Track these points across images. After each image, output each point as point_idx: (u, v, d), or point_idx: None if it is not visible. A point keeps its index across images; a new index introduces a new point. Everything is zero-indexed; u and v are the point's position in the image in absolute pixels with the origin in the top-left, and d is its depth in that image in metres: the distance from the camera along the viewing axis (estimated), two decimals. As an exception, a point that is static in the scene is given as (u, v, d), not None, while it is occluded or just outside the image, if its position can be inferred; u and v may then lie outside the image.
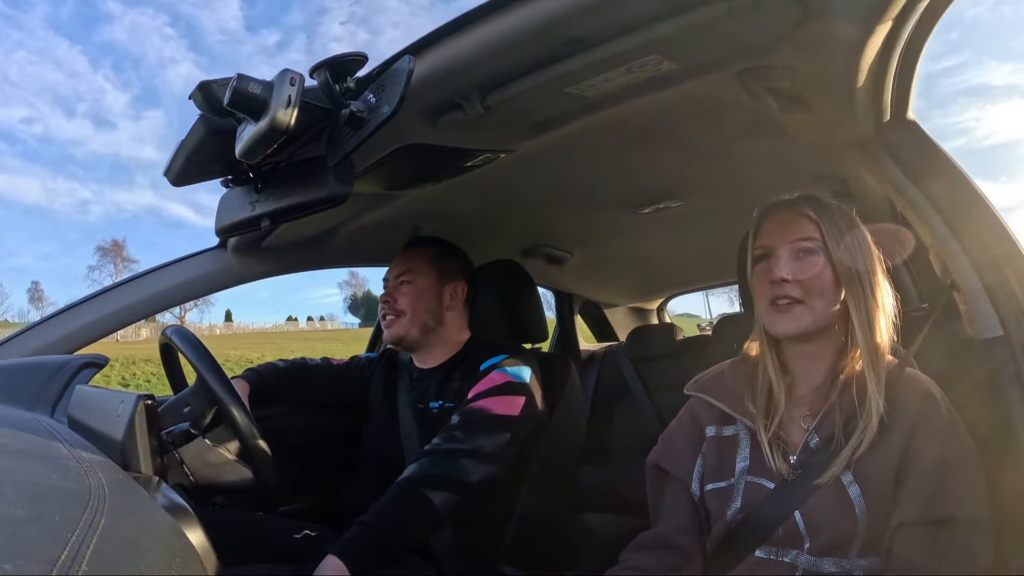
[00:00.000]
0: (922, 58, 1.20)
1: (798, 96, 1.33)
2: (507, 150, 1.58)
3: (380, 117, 1.10)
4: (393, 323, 1.98)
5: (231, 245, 1.94)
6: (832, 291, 1.27)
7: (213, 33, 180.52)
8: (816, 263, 1.27)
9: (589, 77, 1.25)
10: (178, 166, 1.34)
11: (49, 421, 1.14)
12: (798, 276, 1.27)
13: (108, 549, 0.55)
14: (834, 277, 1.27)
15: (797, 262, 1.28)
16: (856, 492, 1.18)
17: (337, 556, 1.41)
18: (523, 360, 1.90)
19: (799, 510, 1.21)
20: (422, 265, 2.02)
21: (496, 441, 1.71)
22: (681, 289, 4.53)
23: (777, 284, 1.28)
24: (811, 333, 1.28)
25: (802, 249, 1.28)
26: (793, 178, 2.02)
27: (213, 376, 1.48)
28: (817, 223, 1.29)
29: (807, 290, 1.26)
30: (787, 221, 1.32)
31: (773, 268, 1.29)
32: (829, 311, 1.27)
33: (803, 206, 1.32)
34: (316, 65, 1.13)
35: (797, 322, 1.27)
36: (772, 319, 1.30)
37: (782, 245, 1.30)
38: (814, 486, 1.21)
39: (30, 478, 0.70)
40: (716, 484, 1.34)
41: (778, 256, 1.29)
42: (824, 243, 1.28)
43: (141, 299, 1.87)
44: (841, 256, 1.27)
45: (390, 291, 2.02)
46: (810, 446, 1.26)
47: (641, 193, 2.21)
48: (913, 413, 1.20)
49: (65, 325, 1.78)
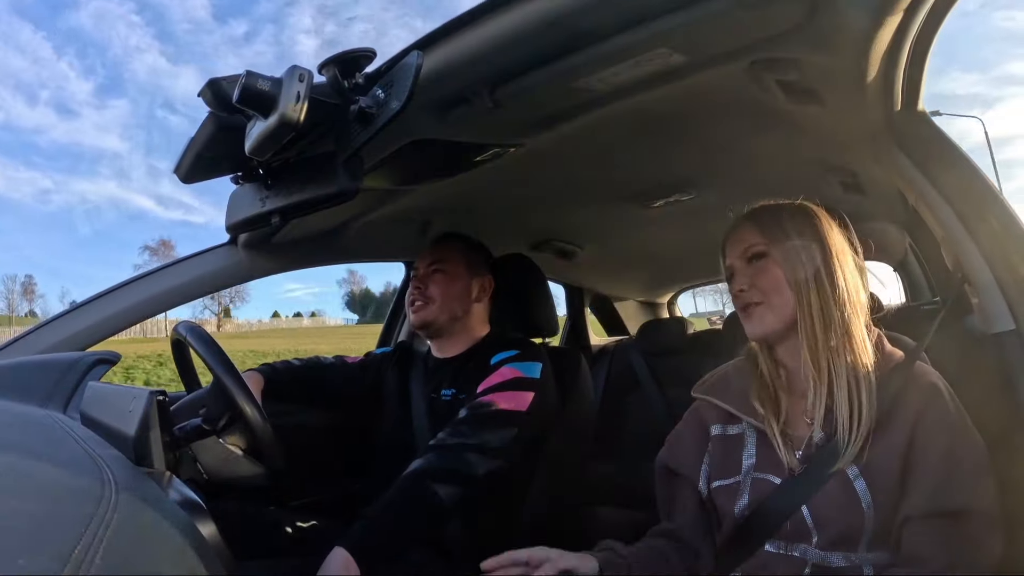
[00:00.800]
0: (933, 49, 1.19)
1: (808, 88, 1.33)
2: (516, 144, 1.58)
3: (389, 112, 1.10)
4: (422, 308, 1.99)
5: (241, 241, 1.94)
6: (786, 287, 1.31)
7: (180, 22, 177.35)
8: (763, 266, 1.34)
9: (598, 71, 1.24)
10: (188, 163, 1.35)
11: (62, 417, 1.15)
12: (752, 282, 1.35)
13: (121, 544, 0.55)
14: (783, 274, 1.32)
15: (749, 269, 1.36)
16: (862, 485, 1.19)
17: (344, 549, 1.42)
18: (533, 355, 1.90)
19: (806, 504, 1.23)
20: (454, 256, 2.04)
21: (502, 436, 1.71)
22: (691, 283, 4.53)
23: (738, 295, 1.36)
24: (781, 330, 1.33)
25: (751, 256, 1.36)
26: (803, 171, 2.01)
27: (226, 373, 1.49)
28: (759, 229, 1.37)
29: (762, 291, 1.33)
30: (737, 236, 1.40)
31: (733, 282, 1.38)
32: (791, 308, 1.31)
33: (746, 220, 1.41)
34: (325, 61, 1.13)
35: (761, 322, 1.34)
36: (746, 325, 1.37)
37: (736, 258, 1.39)
38: (819, 480, 1.23)
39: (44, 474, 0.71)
40: (722, 481, 1.35)
41: (735, 270, 1.38)
42: (767, 245, 1.34)
43: (153, 295, 1.87)
44: (785, 254, 1.32)
45: (421, 278, 2.02)
46: (814, 441, 1.27)
47: (651, 187, 2.21)
48: (918, 406, 1.21)
49: (77, 322, 1.79)
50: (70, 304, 1.89)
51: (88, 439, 0.92)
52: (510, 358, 1.87)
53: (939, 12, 1.10)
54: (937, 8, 1.08)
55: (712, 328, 4.15)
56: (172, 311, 3.94)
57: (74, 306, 1.86)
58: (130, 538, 0.58)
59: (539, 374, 1.86)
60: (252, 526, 1.70)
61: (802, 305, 1.29)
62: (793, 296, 1.30)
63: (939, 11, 1.09)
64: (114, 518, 0.59)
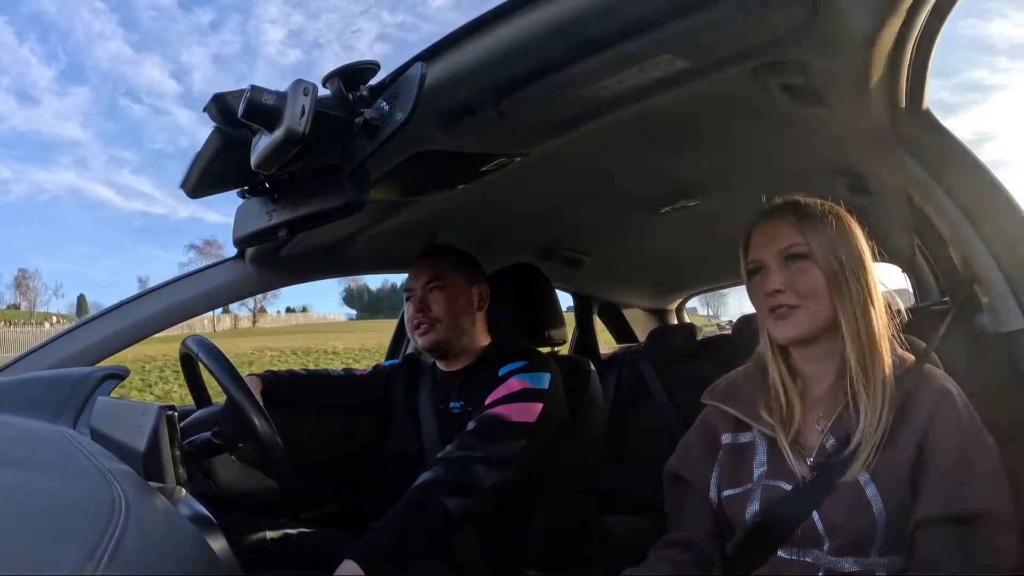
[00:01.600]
0: (936, 48, 1.19)
1: (812, 91, 1.33)
2: (522, 154, 1.58)
3: (394, 124, 1.10)
4: (429, 330, 1.96)
5: (249, 255, 1.95)
6: (825, 292, 1.28)
7: (145, 9, 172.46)
8: (804, 268, 1.29)
9: (601, 78, 1.24)
10: (195, 178, 1.35)
11: (72, 433, 1.15)
12: (789, 284, 1.29)
13: (132, 558, 0.55)
14: (824, 278, 1.28)
15: (786, 270, 1.30)
16: (872, 491, 1.18)
17: (354, 561, 1.42)
18: (541, 365, 1.89)
19: (817, 510, 1.22)
20: (450, 269, 2.00)
21: (510, 448, 1.70)
22: (699, 289, 4.53)
23: (771, 295, 1.30)
24: (813, 335, 1.30)
25: (789, 256, 1.30)
26: (810, 174, 2.01)
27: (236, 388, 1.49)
28: (799, 228, 1.31)
29: (801, 295, 1.28)
30: (772, 231, 1.34)
31: (766, 281, 1.32)
32: (826, 312, 1.28)
33: (785, 214, 1.35)
34: (329, 74, 1.14)
35: (797, 327, 1.29)
36: (774, 327, 1.32)
37: (770, 256, 1.32)
38: (831, 487, 1.22)
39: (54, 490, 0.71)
40: (733, 490, 1.34)
41: (768, 268, 1.32)
42: (809, 247, 1.29)
43: (161, 310, 1.88)
44: (827, 257, 1.28)
45: (421, 299, 1.98)
46: (826, 447, 1.26)
47: (657, 193, 2.21)
48: (928, 410, 1.20)
49: (86, 337, 1.80)
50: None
51: (98, 454, 0.92)
52: (518, 369, 1.86)
53: (941, 12, 1.09)
54: (939, 8, 1.08)
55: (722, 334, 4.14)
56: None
57: (82, 321, 1.87)
58: (141, 553, 0.58)
59: (547, 385, 1.85)
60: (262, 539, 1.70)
61: (844, 307, 1.27)
62: (830, 302, 1.27)
63: (941, 11, 1.09)
64: (125, 533, 0.59)
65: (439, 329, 1.95)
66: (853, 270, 1.28)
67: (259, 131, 1.14)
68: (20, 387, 1.45)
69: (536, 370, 1.86)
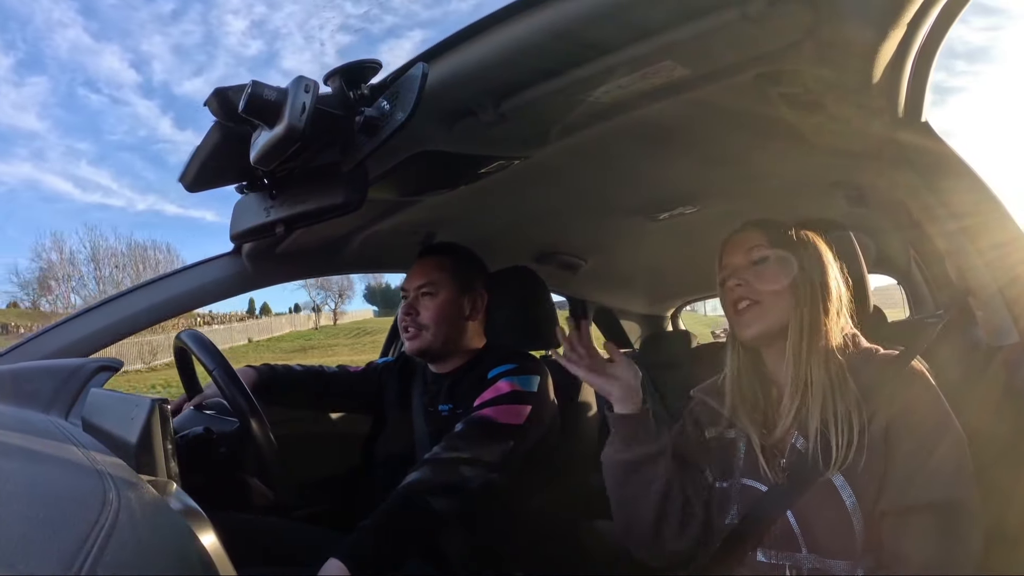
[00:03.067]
0: (936, 60, 1.20)
1: (812, 101, 1.33)
2: (521, 157, 1.58)
3: (394, 124, 1.11)
4: (416, 336, 1.95)
5: (246, 251, 1.95)
6: (786, 293, 1.32)
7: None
8: (764, 268, 1.35)
9: (603, 83, 1.25)
10: (193, 172, 1.35)
11: (64, 424, 1.15)
12: (751, 280, 1.35)
13: (122, 552, 0.55)
14: (784, 280, 1.33)
15: (751, 270, 1.36)
16: (848, 492, 1.21)
17: (339, 560, 1.41)
18: (532, 368, 1.89)
19: (791, 511, 1.25)
20: (443, 276, 1.99)
21: (497, 450, 1.70)
22: (695, 296, 4.54)
23: (733, 289, 1.37)
24: (774, 332, 1.34)
25: (754, 260, 1.37)
26: (808, 185, 2.02)
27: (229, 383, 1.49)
28: (764, 233, 1.38)
29: (759, 292, 1.34)
30: (739, 239, 1.41)
31: (726, 281, 1.39)
32: (784, 312, 1.32)
33: (753, 227, 1.42)
34: (330, 72, 1.14)
35: (757, 322, 1.34)
36: (737, 324, 1.38)
37: (738, 259, 1.39)
38: (804, 487, 1.24)
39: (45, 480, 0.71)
40: (721, 483, 1.39)
41: (736, 268, 1.38)
42: (772, 251, 1.35)
43: (157, 303, 1.88)
44: (787, 262, 1.34)
45: (411, 303, 1.98)
46: (796, 448, 1.29)
47: (656, 199, 2.21)
48: (895, 403, 1.23)
49: (81, 328, 1.80)
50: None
51: (90, 446, 0.92)
52: (507, 371, 1.86)
53: (943, 24, 1.10)
54: (940, 21, 1.08)
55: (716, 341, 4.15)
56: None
57: (77, 312, 1.87)
58: (130, 546, 0.58)
59: (536, 387, 1.85)
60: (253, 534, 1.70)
61: (796, 310, 1.31)
62: (788, 302, 1.31)
63: (943, 23, 1.10)
64: (115, 525, 0.59)
65: (424, 337, 1.95)
66: (811, 281, 1.32)
67: (259, 127, 1.14)
68: (13, 376, 1.44)
69: (525, 373, 1.86)
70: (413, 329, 1.95)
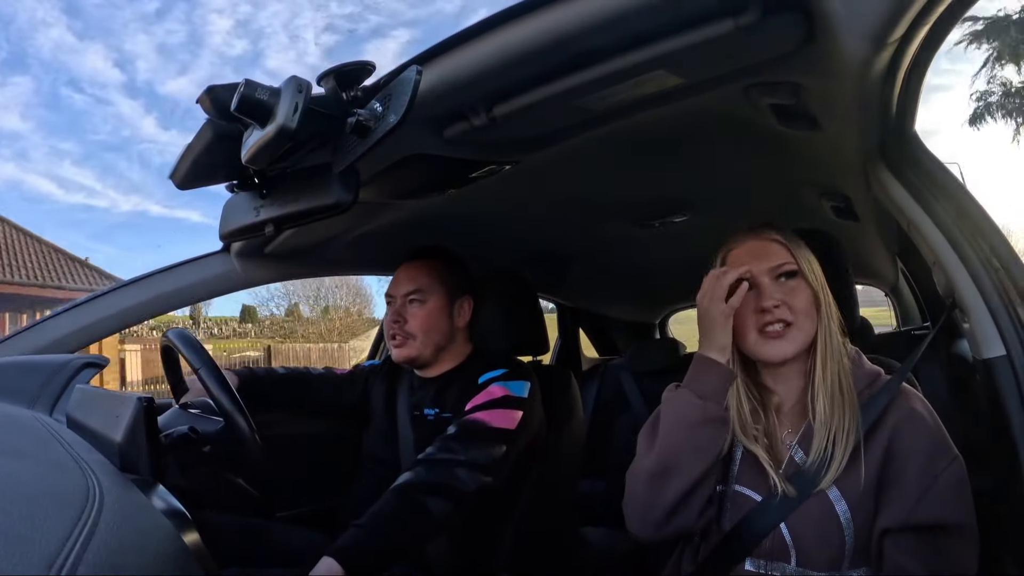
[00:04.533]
0: (928, 75, 1.21)
1: (803, 113, 1.34)
2: (512, 162, 1.58)
3: (386, 126, 1.10)
4: (404, 344, 1.95)
5: (234, 250, 1.94)
6: (813, 311, 1.30)
7: None
8: (796, 285, 1.32)
9: (596, 91, 1.25)
10: (184, 170, 1.35)
11: (48, 420, 1.14)
12: (786, 300, 1.30)
13: (104, 551, 0.55)
14: (812, 297, 1.31)
15: (780, 286, 1.32)
16: (842, 505, 1.21)
17: (332, 558, 1.41)
18: (522, 374, 1.89)
19: (785, 522, 1.24)
20: (431, 282, 1.99)
21: (491, 453, 1.70)
22: (684, 304, 4.54)
23: (768, 311, 1.30)
24: (798, 354, 1.32)
25: (783, 273, 1.32)
26: (796, 195, 2.02)
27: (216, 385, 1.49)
28: (787, 247, 1.33)
29: (795, 311, 1.30)
30: (759, 248, 1.35)
31: (760, 296, 1.32)
32: (813, 330, 1.31)
33: (770, 232, 1.37)
34: (324, 73, 1.13)
35: (792, 344, 1.30)
36: (764, 346, 1.32)
37: (762, 273, 1.33)
38: (800, 499, 1.24)
39: (28, 476, 0.70)
40: (717, 487, 1.36)
41: (762, 284, 1.33)
42: (798, 265, 1.32)
43: (143, 301, 1.87)
44: (812, 276, 1.32)
45: (399, 310, 1.97)
46: (795, 460, 1.29)
47: (646, 207, 2.21)
48: (896, 425, 1.23)
49: (67, 324, 1.79)
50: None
51: (74, 443, 0.91)
52: (498, 377, 1.86)
53: (935, 40, 1.11)
54: (933, 36, 1.09)
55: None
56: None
57: (64, 308, 1.86)
58: (113, 545, 0.58)
59: (527, 393, 1.85)
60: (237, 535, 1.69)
61: (822, 329, 1.30)
62: (816, 321, 1.30)
63: (935, 39, 1.11)
64: (98, 524, 0.58)
65: (412, 345, 1.95)
66: (826, 291, 1.32)
67: (251, 125, 1.14)
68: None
69: (516, 378, 1.86)
70: (401, 337, 1.95)
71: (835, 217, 2.12)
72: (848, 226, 2.19)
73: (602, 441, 3.30)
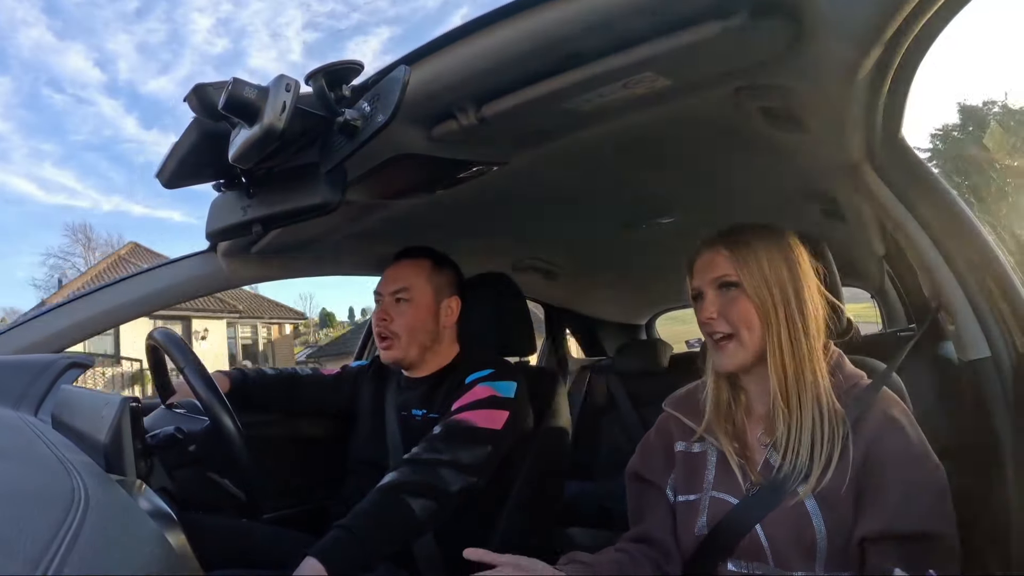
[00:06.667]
0: (916, 79, 1.21)
1: (791, 115, 1.34)
2: (500, 163, 1.58)
3: (374, 126, 1.10)
4: (391, 345, 1.95)
5: (221, 249, 1.93)
6: (757, 322, 1.31)
7: None
8: (735, 297, 1.33)
9: (584, 92, 1.25)
10: (171, 168, 1.34)
11: (33, 420, 1.13)
12: (722, 312, 1.34)
13: (90, 552, 0.55)
14: (754, 309, 1.31)
15: (720, 298, 1.35)
16: (813, 505, 1.22)
17: (315, 558, 1.40)
18: (509, 375, 1.89)
19: (760, 524, 1.25)
20: (418, 281, 1.98)
21: (476, 453, 1.70)
22: (671, 305, 4.56)
23: (707, 322, 1.36)
24: (750, 363, 1.34)
25: (722, 285, 1.35)
26: (784, 197, 2.03)
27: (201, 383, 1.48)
28: (731, 259, 1.34)
29: (733, 325, 1.33)
30: (708, 261, 1.39)
31: (701, 308, 1.38)
32: (761, 340, 1.32)
33: (719, 244, 1.38)
34: (312, 72, 1.13)
35: (732, 358, 1.34)
36: (714, 356, 1.38)
37: (705, 284, 1.37)
38: (775, 502, 1.25)
39: (12, 478, 0.70)
40: (686, 497, 1.39)
41: (705, 296, 1.37)
42: (739, 277, 1.33)
43: (129, 300, 1.86)
44: (757, 289, 1.32)
45: (385, 309, 1.97)
46: (769, 463, 1.30)
47: (634, 208, 2.22)
48: (875, 431, 1.23)
49: (53, 324, 1.78)
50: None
51: (59, 443, 0.91)
52: (485, 377, 1.86)
53: (922, 44, 1.11)
54: (920, 40, 1.09)
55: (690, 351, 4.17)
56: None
57: (49, 308, 1.85)
58: (98, 546, 0.57)
59: (513, 393, 1.85)
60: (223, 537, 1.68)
61: (771, 337, 1.30)
62: (762, 328, 1.31)
63: (922, 43, 1.11)
64: (83, 525, 0.58)
65: (398, 345, 1.94)
66: (785, 302, 1.31)
67: (239, 125, 1.14)
68: (-19, 372, 1.42)
69: (503, 379, 1.86)
70: (388, 338, 1.95)
71: (823, 219, 2.13)
72: (835, 228, 2.20)
73: (590, 442, 3.31)
